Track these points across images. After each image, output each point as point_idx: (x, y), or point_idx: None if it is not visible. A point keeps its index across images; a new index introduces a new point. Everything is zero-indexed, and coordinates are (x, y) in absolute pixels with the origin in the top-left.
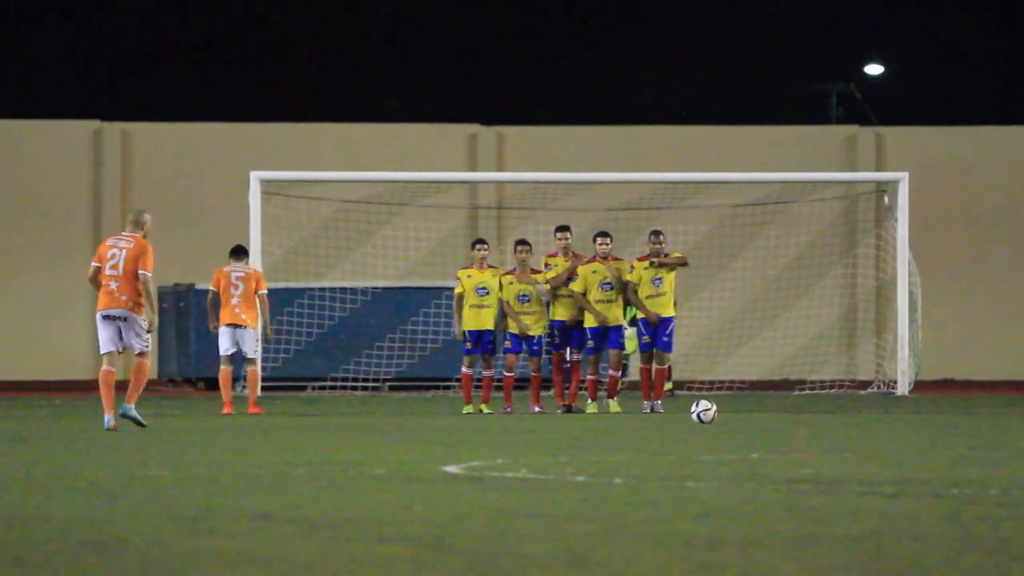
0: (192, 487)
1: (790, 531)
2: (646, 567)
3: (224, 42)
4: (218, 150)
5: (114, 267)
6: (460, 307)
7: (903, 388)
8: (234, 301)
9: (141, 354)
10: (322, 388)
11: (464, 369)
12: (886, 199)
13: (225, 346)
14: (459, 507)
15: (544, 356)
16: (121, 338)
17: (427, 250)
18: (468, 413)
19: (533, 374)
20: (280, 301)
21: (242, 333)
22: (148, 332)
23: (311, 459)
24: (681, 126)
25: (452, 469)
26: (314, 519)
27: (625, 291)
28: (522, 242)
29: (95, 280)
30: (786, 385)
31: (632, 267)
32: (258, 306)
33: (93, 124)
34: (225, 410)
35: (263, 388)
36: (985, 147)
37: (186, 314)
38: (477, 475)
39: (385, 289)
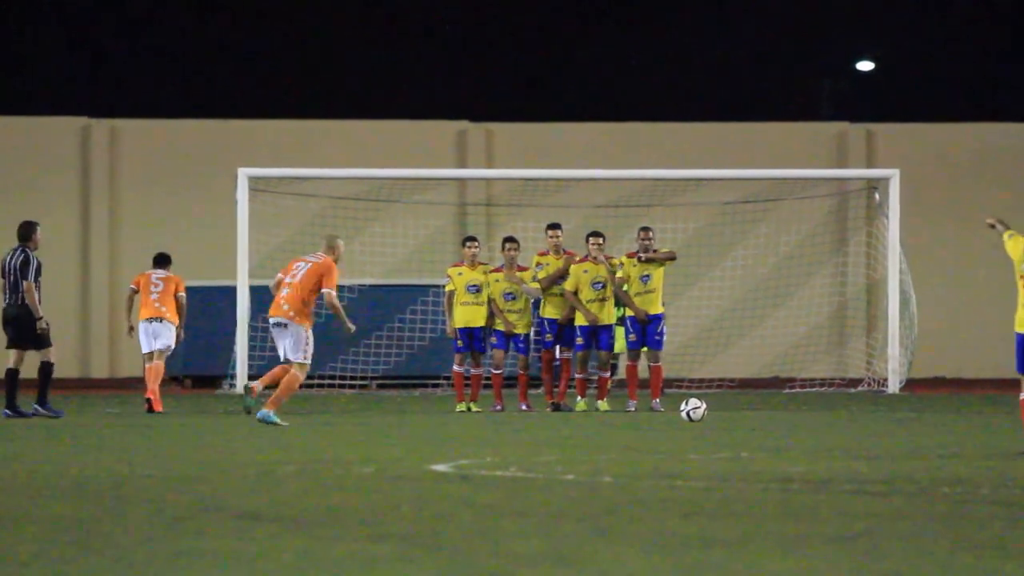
0: (179, 486)
1: (780, 531)
2: (635, 566)
3: (212, 38)
4: (206, 147)
5: (292, 277)
6: (451, 305)
7: (894, 386)
8: (153, 297)
9: (290, 363)
10: (309, 386)
11: (455, 367)
12: (877, 196)
13: (147, 345)
14: (447, 506)
15: (533, 354)
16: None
17: (415, 247)
18: (460, 411)
19: (520, 372)
20: (267, 299)
21: (158, 328)
22: (348, 334)
23: (298, 458)
24: (671, 123)
25: (440, 467)
26: (301, 518)
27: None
28: (510, 239)
29: (276, 288)
30: (776, 383)
31: (621, 264)
32: (176, 307)
33: (81, 121)
34: (149, 401)
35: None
36: (977, 144)
37: None
38: (465, 473)
39: (372, 286)
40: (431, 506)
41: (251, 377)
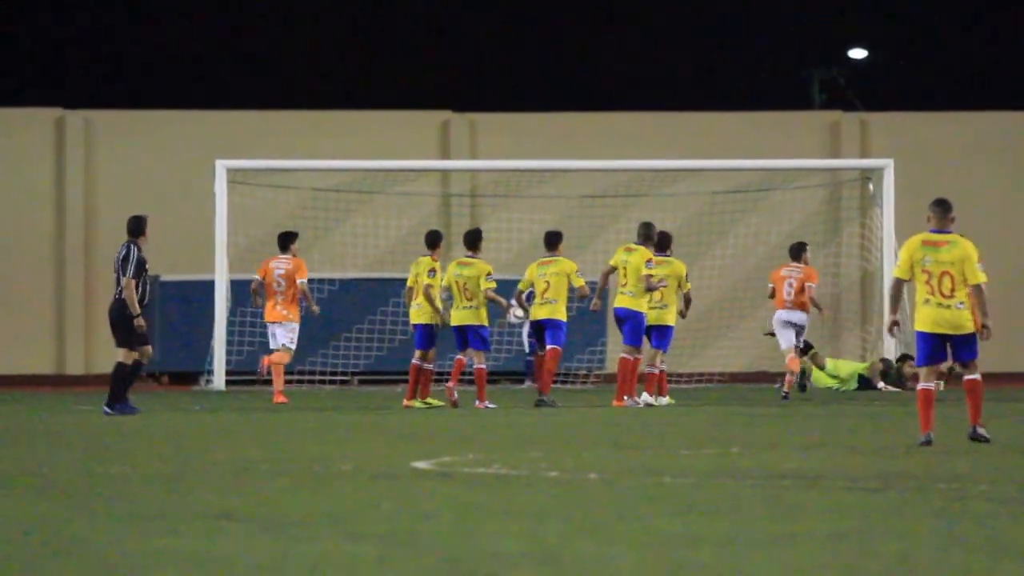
0: (153, 485)
1: (770, 528)
2: (621, 566)
3: (190, 28)
4: (184, 138)
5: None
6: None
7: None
8: (278, 299)
9: None
10: (289, 382)
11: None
12: (871, 186)
13: (273, 342)
14: (428, 504)
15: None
16: None
17: (397, 239)
18: (421, 408)
19: (479, 367)
20: (246, 292)
21: (277, 330)
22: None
23: (276, 455)
24: (661, 112)
25: (421, 465)
26: (279, 517)
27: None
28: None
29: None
30: (767, 377)
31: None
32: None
33: (55, 112)
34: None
35: (228, 382)
36: (972, 133)
37: (151, 307)
38: (447, 471)
39: (353, 279)
40: (412, 505)
41: (229, 372)
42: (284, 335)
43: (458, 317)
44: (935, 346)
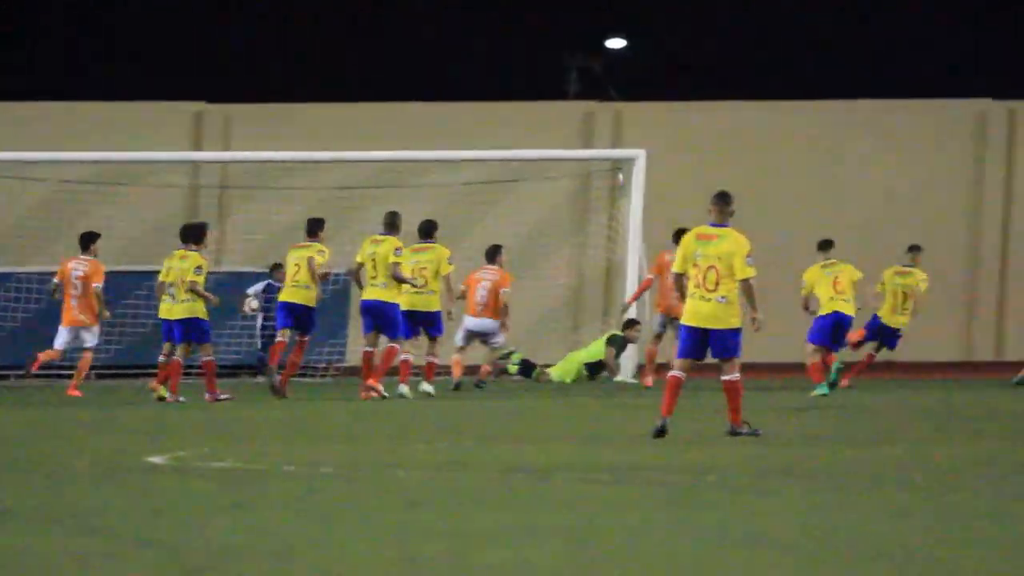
0: None
1: (499, 522)
2: (353, 559)
3: None
4: None
5: None
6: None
7: (626, 373)
8: (73, 303)
9: None
10: (23, 376)
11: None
12: (620, 177)
13: (61, 343)
14: (161, 499)
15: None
16: None
17: (143, 231)
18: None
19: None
20: None
21: (81, 332)
22: None
23: (8, 452)
24: (412, 102)
25: (156, 460)
26: (8, 514)
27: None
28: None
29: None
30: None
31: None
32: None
33: None
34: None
35: None
36: (725, 123)
37: None
38: (181, 466)
39: None
40: (144, 500)
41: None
42: (89, 338)
43: (177, 311)
44: (693, 339)
